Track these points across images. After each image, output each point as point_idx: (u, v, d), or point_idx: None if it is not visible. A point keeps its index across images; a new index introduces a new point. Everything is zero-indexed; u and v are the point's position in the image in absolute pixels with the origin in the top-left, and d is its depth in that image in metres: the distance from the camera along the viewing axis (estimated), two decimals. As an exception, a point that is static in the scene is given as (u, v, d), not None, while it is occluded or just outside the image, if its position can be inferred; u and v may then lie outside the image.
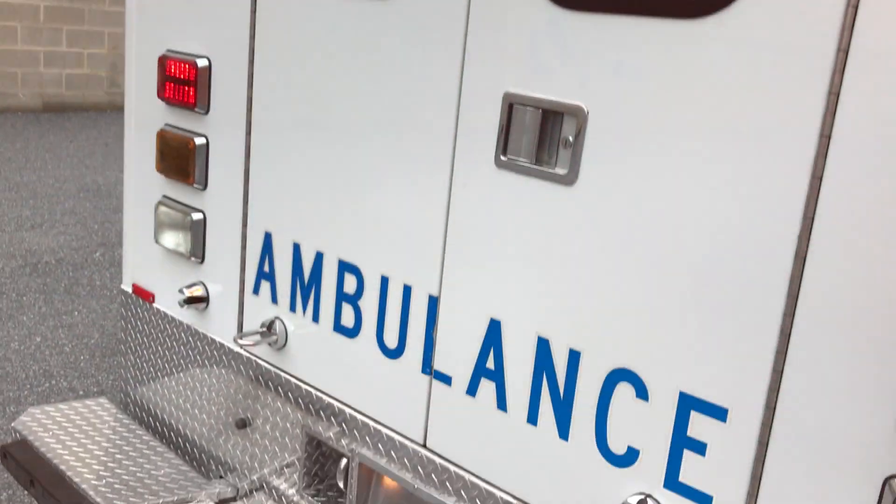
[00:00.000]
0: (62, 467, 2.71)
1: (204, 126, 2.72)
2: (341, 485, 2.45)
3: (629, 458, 1.75)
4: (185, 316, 2.89)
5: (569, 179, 1.78)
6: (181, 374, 2.95)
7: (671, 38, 1.58)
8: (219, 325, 2.78)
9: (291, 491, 2.59)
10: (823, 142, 1.37)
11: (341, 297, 2.37)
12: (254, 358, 2.66)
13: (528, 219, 1.87)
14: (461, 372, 2.09)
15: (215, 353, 2.80)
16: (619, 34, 1.66)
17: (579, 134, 1.73)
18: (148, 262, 3.05)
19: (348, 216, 2.32)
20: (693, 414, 1.62)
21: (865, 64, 1.35)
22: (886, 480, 1.32)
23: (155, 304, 3.03)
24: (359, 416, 2.36)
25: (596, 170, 1.74)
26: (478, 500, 2.09)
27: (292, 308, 2.52)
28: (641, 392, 1.70)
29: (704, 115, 1.54)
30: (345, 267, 2.34)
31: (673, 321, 1.64)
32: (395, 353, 2.25)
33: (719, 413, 1.58)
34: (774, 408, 1.49)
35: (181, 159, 2.76)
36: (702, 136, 1.55)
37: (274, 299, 2.57)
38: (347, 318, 2.36)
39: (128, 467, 2.78)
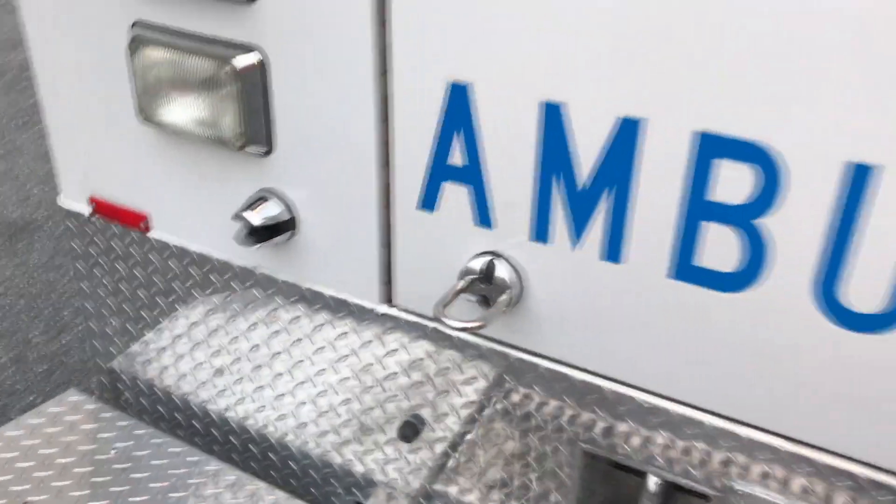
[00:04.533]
0: None
1: None
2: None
3: None
4: (240, 255, 1.50)
5: None
6: (246, 350, 1.61)
7: None
8: (336, 270, 1.43)
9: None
10: None
11: (699, 208, 1.09)
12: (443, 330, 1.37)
13: None
14: None
15: (329, 312, 1.47)
16: None
17: None
18: (123, 153, 1.56)
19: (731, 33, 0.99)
20: None
21: None
22: None
23: (152, 234, 1.59)
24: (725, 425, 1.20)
25: None
26: None
27: (539, 234, 1.22)
28: None
29: None
30: (713, 147, 1.05)
31: None
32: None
33: None
34: None
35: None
36: None
37: (484, 219, 1.25)
38: (712, 253, 1.11)
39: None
